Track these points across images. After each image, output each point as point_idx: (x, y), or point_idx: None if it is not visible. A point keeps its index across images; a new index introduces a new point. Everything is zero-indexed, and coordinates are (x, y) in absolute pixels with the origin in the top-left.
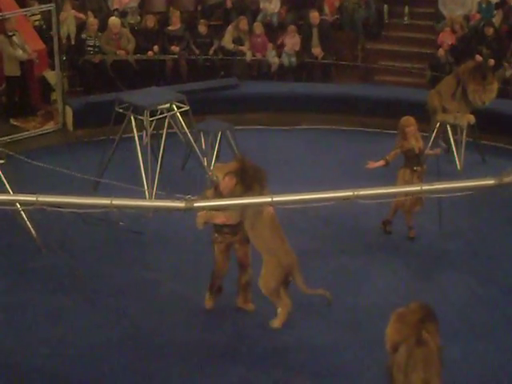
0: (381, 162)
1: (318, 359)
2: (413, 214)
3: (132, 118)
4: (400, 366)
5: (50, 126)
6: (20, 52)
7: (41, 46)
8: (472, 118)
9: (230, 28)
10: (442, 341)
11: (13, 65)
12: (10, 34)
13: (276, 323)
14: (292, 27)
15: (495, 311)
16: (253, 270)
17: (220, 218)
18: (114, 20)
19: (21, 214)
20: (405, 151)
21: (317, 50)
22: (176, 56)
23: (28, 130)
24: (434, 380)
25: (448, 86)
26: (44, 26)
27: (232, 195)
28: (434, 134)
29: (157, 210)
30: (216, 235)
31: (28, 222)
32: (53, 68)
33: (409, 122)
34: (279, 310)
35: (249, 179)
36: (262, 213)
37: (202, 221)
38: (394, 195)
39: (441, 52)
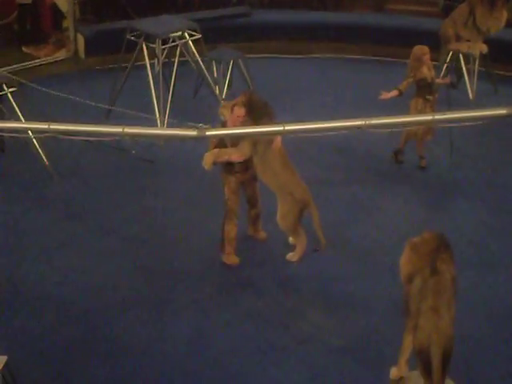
0: (394, 92)
1: (330, 289)
2: (424, 143)
3: (144, 45)
4: (415, 297)
5: (61, 54)
6: None
7: None
8: (484, 47)
9: None
10: None
11: None
12: None
13: (294, 257)
14: None
15: (506, 240)
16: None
17: (234, 155)
18: None
19: (33, 142)
20: (417, 80)
21: None
22: None
23: (39, 58)
24: (443, 308)
25: (461, 13)
26: None
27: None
28: (446, 63)
29: (168, 138)
30: (226, 175)
31: (40, 150)
32: None
33: (422, 51)
34: (290, 239)
35: (257, 111)
36: (272, 148)
37: (210, 161)
38: (406, 124)
39: None
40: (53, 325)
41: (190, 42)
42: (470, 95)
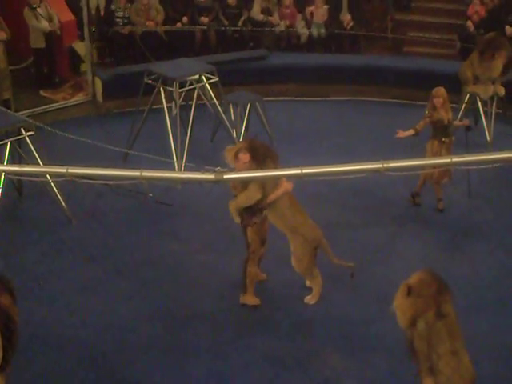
0: (410, 131)
1: (348, 331)
2: (441, 185)
3: (161, 89)
4: (422, 340)
5: (79, 98)
6: (44, 24)
7: (70, 17)
8: (502, 90)
9: None
10: (472, 313)
11: (37, 37)
12: (34, 6)
13: (312, 300)
14: None
15: None
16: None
17: (244, 200)
18: None
19: (51, 186)
20: (434, 122)
21: (346, 18)
22: (205, 27)
23: (57, 102)
24: (462, 350)
25: (476, 57)
26: None
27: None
28: (463, 106)
29: (186, 181)
30: (249, 218)
31: (58, 194)
32: (82, 39)
33: (439, 93)
34: (307, 282)
35: (261, 155)
36: (279, 191)
37: (235, 213)
38: (423, 167)
39: (470, 24)
40: (71, 368)
41: (208, 85)
42: (488, 137)
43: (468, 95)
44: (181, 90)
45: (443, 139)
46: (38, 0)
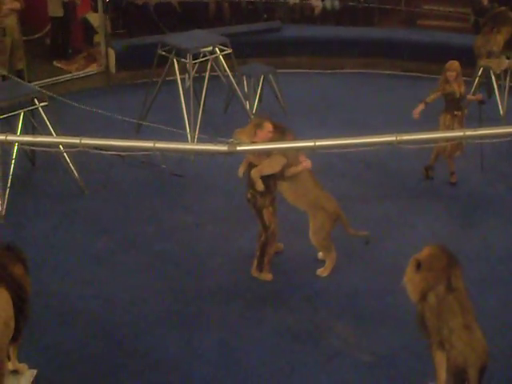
0: (421, 106)
1: (359, 304)
2: (453, 159)
3: (175, 60)
4: (433, 313)
5: (92, 69)
6: None
7: None
8: (507, 64)
9: None
10: (483, 287)
11: (56, 5)
12: None
13: (324, 272)
14: None
15: None
16: None
17: (266, 169)
18: None
19: (64, 156)
20: (445, 95)
21: None
22: None
23: (71, 72)
24: (474, 324)
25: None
26: None
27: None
28: (477, 79)
29: (199, 153)
30: (265, 198)
31: (71, 164)
32: (95, 10)
33: (452, 67)
34: (320, 254)
35: (281, 126)
36: (299, 167)
37: (258, 178)
38: (437, 140)
39: None
40: (82, 339)
41: (221, 57)
42: (501, 111)
43: (481, 69)
44: (194, 62)
45: (455, 113)
46: None
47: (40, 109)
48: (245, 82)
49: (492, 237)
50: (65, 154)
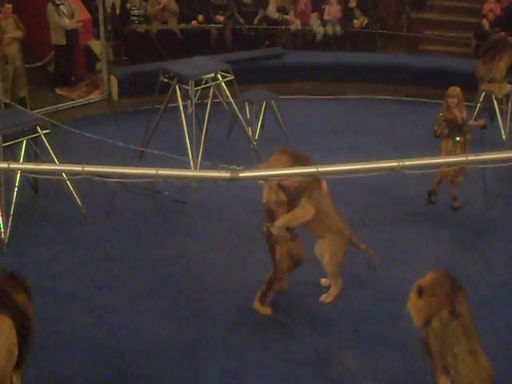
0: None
1: (363, 330)
2: (457, 184)
3: (177, 87)
4: (437, 339)
5: (95, 96)
6: (66, 21)
7: (86, 15)
8: (510, 89)
9: None
10: (487, 311)
11: (59, 33)
12: (59, 2)
13: (328, 298)
14: None
15: None
16: None
17: (306, 216)
18: None
19: (67, 184)
20: (448, 121)
21: (357, 22)
22: (221, 25)
23: (73, 100)
24: (478, 349)
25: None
26: None
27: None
28: (479, 104)
29: (202, 179)
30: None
31: (73, 192)
32: (98, 38)
33: (454, 93)
34: (322, 280)
35: (298, 157)
36: (322, 191)
37: (282, 227)
38: (439, 166)
39: (485, 22)
40: (86, 366)
41: (223, 84)
42: (503, 135)
43: (483, 93)
44: (196, 89)
45: (457, 138)
46: None
47: (42, 136)
48: (247, 109)
49: (495, 261)
50: (67, 181)
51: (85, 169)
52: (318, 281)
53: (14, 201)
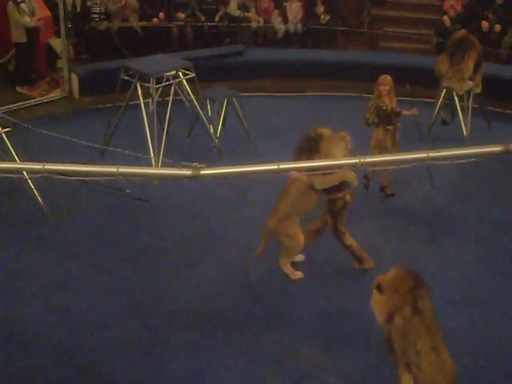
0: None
1: (325, 326)
2: (388, 172)
3: (138, 85)
4: (399, 335)
5: (55, 94)
6: (27, 19)
7: (46, 12)
8: (470, 86)
9: None
10: (449, 307)
11: (19, 31)
12: (19, 0)
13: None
14: None
15: (502, 278)
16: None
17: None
18: None
19: (27, 182)
20: (378, 109)
21: (320, 10)
22: (182, 23)
23: (34, 98)
24: (441, 345)
25: (446, 59)
26: None
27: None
28: (440, 100)
29: (163, 177)
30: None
31: (35, 190)
32: (58, 35)
33: (385, 81)
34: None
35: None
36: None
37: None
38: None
39: (446, 19)
40: (47, 365)
41: (184, 81)
42: (465, 132)
43: (444, 90)
44: (157, 86)
45: (387, 127)
46: None
47: (3, 134)
48: (208, 106)
49: (457, 257)
50: (28, 179)
51: (46, 167)
52: (281, 275)
53: None
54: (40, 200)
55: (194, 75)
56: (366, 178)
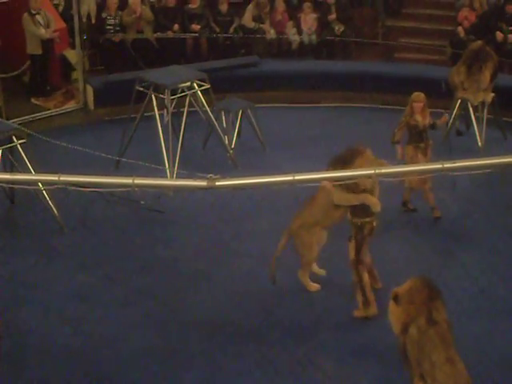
0: (399, 149)
1: (340, 337)
2: (429, 193)
3: (153, 96)
4: (414, 346)
5: (70, 105)
6: (42, 31)
7: (61, 24)
8: (489, 97)
9: (250, 6)
10: (465, 318)
11: (35, 43)
12: (34, 12)
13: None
14: (307, 4)
15: None
16: None
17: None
18: None
19: (43, 194)
20: (409, 127)
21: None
22: (196, 34)
23: (49, 109)
24: (456, 356)
25: (464, 70)
26: (63, 6)
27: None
28: (455, 111)
29: (178, 188)
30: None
31: (50, 201)
32: (73, 47)
33: (419, 98)
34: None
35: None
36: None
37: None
38: (414, 173)
39: (460, 30)
40: (63, 377)
41: (199, 93)
42: (479, 143)
43: (459, 101)
44: (172, 98)
45: (418, 144)
46: (38, 6)
47: (18, 146)
48: (223, 117)
49: (472, 267)
50: (44, 191)
51: (61, 178)
52: (295, 288)
53: None
54: (55, 211)
55: (208, 86)
56: (403, 205)
